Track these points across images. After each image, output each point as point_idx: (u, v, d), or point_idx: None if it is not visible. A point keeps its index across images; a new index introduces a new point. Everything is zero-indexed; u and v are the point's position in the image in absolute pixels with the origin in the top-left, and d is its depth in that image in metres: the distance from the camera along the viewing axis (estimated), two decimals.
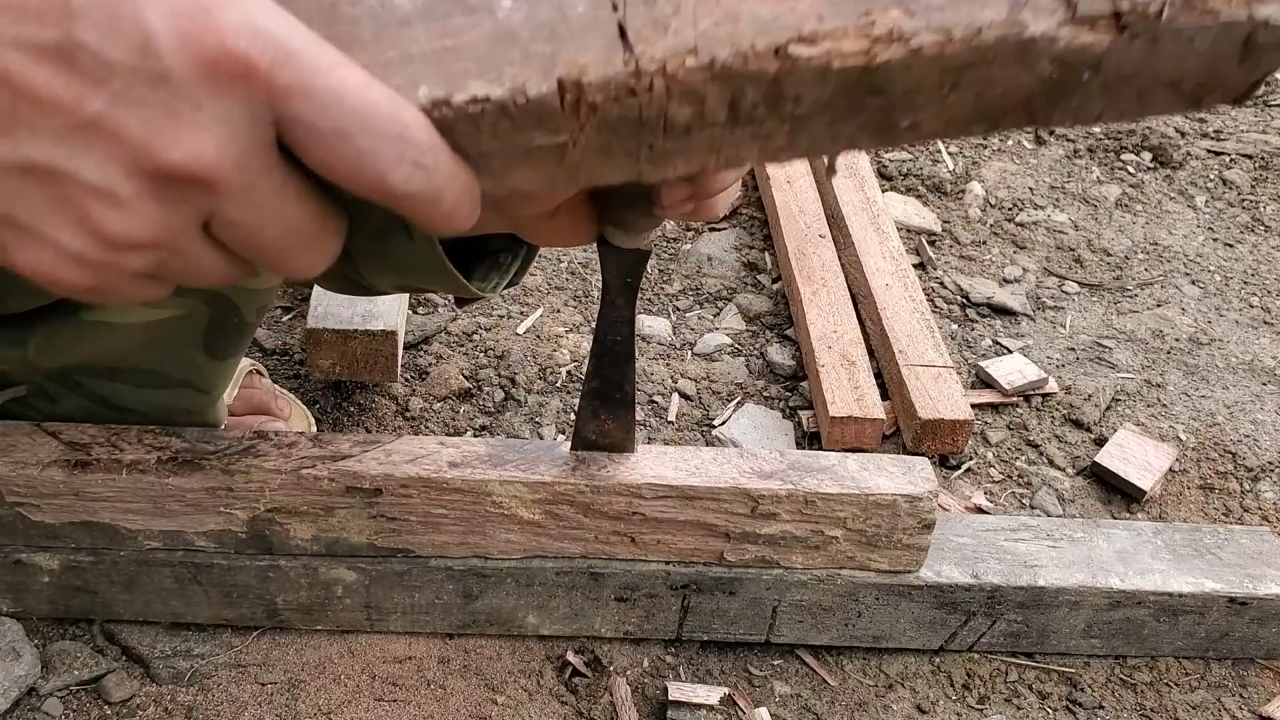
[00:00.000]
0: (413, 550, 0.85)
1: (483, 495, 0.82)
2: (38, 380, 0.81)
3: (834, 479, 0.85)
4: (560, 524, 0.84)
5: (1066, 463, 1.20)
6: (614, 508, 0.83)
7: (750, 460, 0.86)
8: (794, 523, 0.85)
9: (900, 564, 0.88)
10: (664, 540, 0.86)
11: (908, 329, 1.26)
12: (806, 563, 0.87)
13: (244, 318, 0.80)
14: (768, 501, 0.83)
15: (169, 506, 0.80)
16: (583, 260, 1.43)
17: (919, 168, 1.71)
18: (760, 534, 0.85)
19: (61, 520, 0.81)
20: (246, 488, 0.80)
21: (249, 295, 0.78)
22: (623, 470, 0.83)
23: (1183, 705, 0.93)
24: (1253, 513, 1.16)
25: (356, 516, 0.82)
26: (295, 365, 1.24)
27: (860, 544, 0.86)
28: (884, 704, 0.91)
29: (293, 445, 0.82)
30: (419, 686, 0.87)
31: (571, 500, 0.83)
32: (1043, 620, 0.93)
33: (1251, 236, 1.65)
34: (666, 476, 0.83)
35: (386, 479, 0.80)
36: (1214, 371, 1.37)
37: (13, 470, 0.79)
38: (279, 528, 0.82)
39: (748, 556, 0.87)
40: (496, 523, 0.84)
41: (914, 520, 0.85)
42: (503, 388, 1.21)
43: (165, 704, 0.84)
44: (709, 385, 1.25)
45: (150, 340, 0.79)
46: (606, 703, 0.88)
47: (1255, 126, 1.93)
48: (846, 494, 0.84)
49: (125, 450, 0.81)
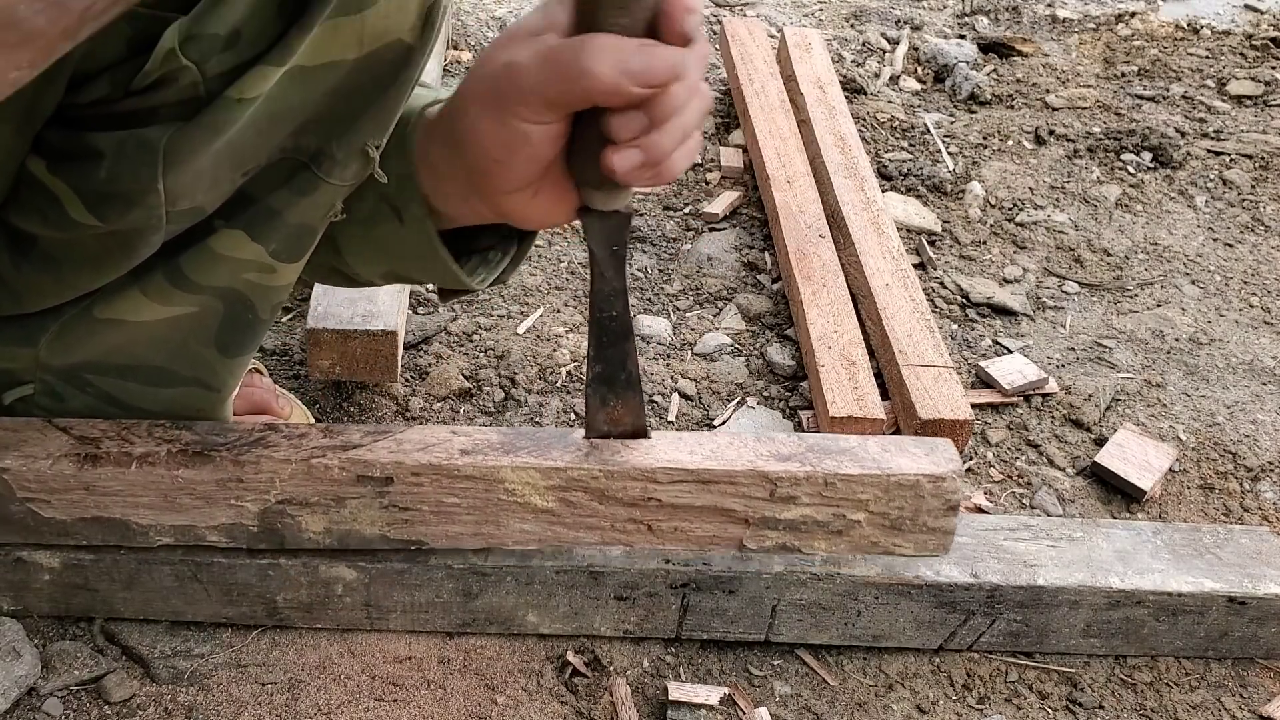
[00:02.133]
0: (426, 542, 0.84)
1: (495, 483, 0.81)
2: (46, 379, 0.81)
3: (854, 460, 0.83)
4: (575, 512, 0.83)
5: (1066, 463, 1.20)
6: (629, 493, 0.82)
7: (767, 444, 0.84)
8: (814, 506, 0.83)
9: (926, 548, 0.86)
10: (681, 528, 0.84)
11: (908, 329, 1.26)
12: (829, 548, 0.85)
13: (258, 315, 0.80)
14: (786, 484, 0.82)
15: (180, 500, 0.80)
16: (582, 260, 1.43)
17: (919, 168, 1.71)
18: (780, 519, 0.83)
19: (72, 516, 0.81)
20: (256, 479, 0.80)
21: (264, 292, 0.78)
22: (637, 455, 0.82)
23: (1183, 705, 0.93)
24: (1253, 513, 1.16)
25: (368, 507, 0.82)
26: (295, 365, 1.24)
27: (884, 528, 0.84)
28: (884, 704, 0.91)
29: (303, 436, 0.82)
30: (419, 686, 0.88)
31: (585, 486, 0.81)
32: (1042, 620, 0.93)
33: (1251, 236, 1.65)
34: (682, 460, 0.82)
35: (397, 467, 0.80)
36: (1214, 371, 1.37)
37: (23, 465, 0.78)
38: (290, 520, 0.82)
39: (768, 544, 0.85)
40: (510, 512, 0.82)
41: (938, 501, 0.83)
42: (503, 388, 1.21)
43: (165, 704, 0.84)
44: (709, 385, 1.25)
45: (162, 337, 0.79)
46: (606, 703, 0.88)
47: (1255, 126, 1.93)
48: (868, 475, 0.82)
49: (135, 444, 0.80)
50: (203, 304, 0.77)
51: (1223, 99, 2.03)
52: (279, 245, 0.75)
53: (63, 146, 0.66)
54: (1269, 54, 2.21)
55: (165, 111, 0.64)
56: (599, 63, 0.60)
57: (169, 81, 0.63)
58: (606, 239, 0.73)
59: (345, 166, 0.72)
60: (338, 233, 0.81)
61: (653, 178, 0.67)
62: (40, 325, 0.77)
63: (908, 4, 2.36)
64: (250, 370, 1.10)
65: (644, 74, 0.61)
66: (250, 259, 0.75)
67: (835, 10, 2.31)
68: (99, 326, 0.77)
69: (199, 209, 0.70)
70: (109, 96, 0.64)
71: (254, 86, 0.64)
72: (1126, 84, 2.06)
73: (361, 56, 0.68)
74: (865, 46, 2.14)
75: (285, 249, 0.75)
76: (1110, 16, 2.34)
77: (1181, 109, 1.98)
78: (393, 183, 0.76)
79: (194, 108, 0.64)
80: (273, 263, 0.76)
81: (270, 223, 0.74)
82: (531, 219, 0.75)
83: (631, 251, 1.46)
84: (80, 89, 0.64)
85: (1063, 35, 2.27)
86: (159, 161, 0.64)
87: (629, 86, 0.61)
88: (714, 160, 1.69)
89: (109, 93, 0.64)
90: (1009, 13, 2.34)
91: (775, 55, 1.88)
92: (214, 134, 0.65)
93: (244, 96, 0.64)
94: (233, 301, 0.78)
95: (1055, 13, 2.35)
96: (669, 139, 0.65)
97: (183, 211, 0.69)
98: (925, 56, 2.09)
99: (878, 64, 2.08)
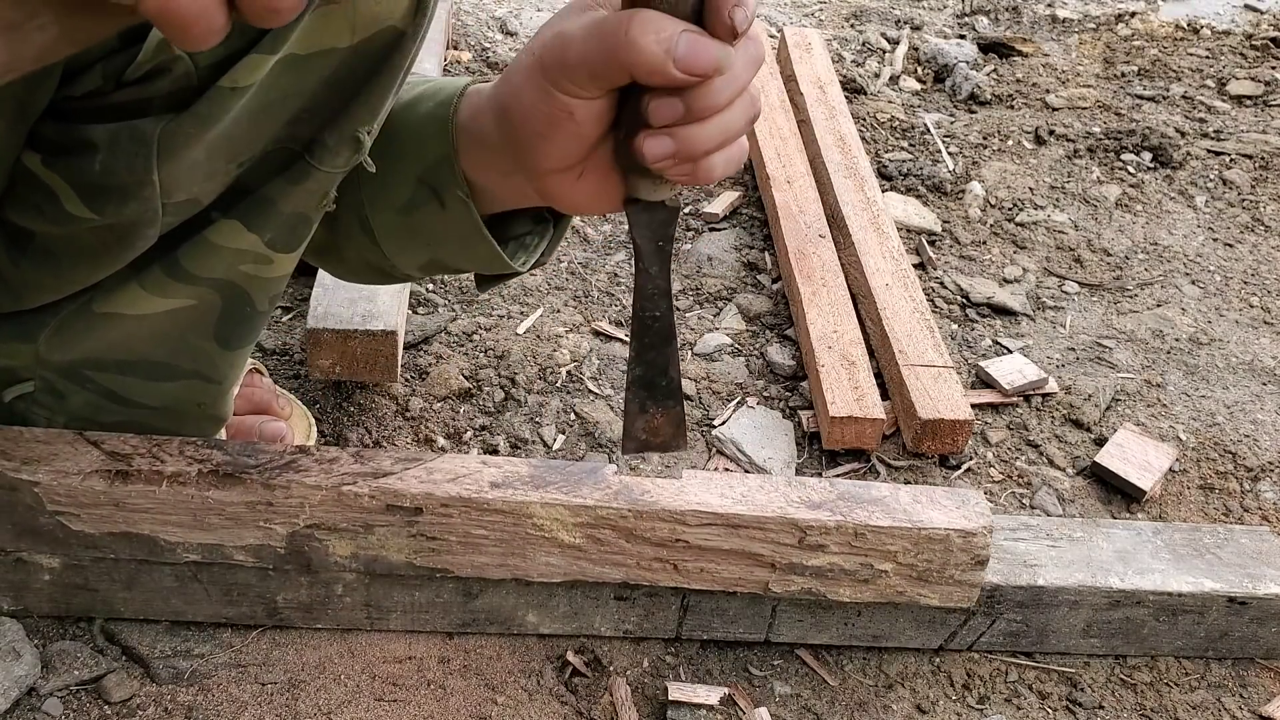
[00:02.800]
0: (451, 570, 0.84)
1: (524, 517, 0.81)
2: (46, 376, 0.81)
3: (885, 511, 0.83)
4: (601, 548, 0.83)
5: (1066, 463, 1.20)
6: (657, 534, 0.82)
7: (799, 489, 0.84)
8: (842, 555, 0.83)
9: (951, 600, 0.86)
10: (708, 569, 0.84)
11: (908, 329, 1.26)
12: (855, 595, 0.85)
13: (255, 307, 0.80)
14: (816, 533, 0.81)
15: (209, 520, 0.80)
16: (583, 260, 1.43)
17: (919, 168, 1.71)
18: (807, 565, 0.83)
19: (101, 530, 0.81)
20: (287, 503, 0.80)
21: (261, 284, 0.78)
22: (667, 496, 0.82)
23: (1183, 705, 0.93)
24: (1253, 513, 1.16)
25: (396, 535, 0.82)
26: (295, 365, 1.24)
27: (910, 578, 0.84)
28: (884, 704, 0.91)
29: (333, 460, 0.82)
30: (419, 686, 0.88)
31: (614, 525, 0.81)
32: (1042, 620, 0.93)
33: (1251, 236, 1.65)
34: (711, 504, 0.81)
35: (427, 498, 0.80)
36: (1214, 371, 1.37)
37: (54, 479, 0.78)
38: (318, 544, 0.82)
39: (794, 588, 0.85)
40: (537, 545, 0.82)
41: (967, 556, 0.83)
42: (503, 388, 1.21)
43: (165, 704, 0.84)
44: (709, 385, 1.25)
45: (161, 331, 0.79)
46: (606, 703, 0.88)
47: (1255, 126, 1.93)
48: (898, 527, 0.82)
49: (166, 462, 0.80)
50: (200, 296, 0.77)
51: (1223, 99, 2.03)
52: (274, 234, 0.75)
53: (57, 140, 0.66)
54: (1269, 54, 2.21)
55: (158, 102, 0.64)
56: (644, 34, 0.59)
57: (162, 72, 0.63)
58: (651, 232, 0.70)
59: (337, 154, 0.72)
60: (376, 225, 0.81)
61: (688, 175, 0.65)
62: (39, 322, 0.77)
63: (908, 4, 2.36)
64: (250, 370, 1.10)
65: (686, 57, 0.59)
66: (246, 249, 0.75)
67: (835, 10, 2.31)
68: (98, 321, 0.77)
69: (194, 201, 0.70)
70: (102, 89, 0.64)
71: (247, 75, 0.64)
72: (1126, 84, 2.06)
73: (354, 44, 0.68)
74: (865, 46, 2.14)
75: (281, 238, 0.76)
76: (1110, 16, 2.34)
77: (1181, 109, 1.98)
78: (432, 165, 0.75)
79: (187, 98, 0.64)
80: (269, 253, 0.76)
81: (265, 212, 0.74)
82: (575, 203, 0.73)
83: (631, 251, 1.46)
84: (73, 81, 0.64)
85: (1063, 35, 2.27)
86: (153, 153, 0.64)
87: (669, 66, 0.59)
88: None
89: (102, 84, 0.64)
90: (1009, 13, 2.34)
91: (775, 55, 1.88)
92: (207, 124, 0.65)
93: (237, 85, 0.64)
94: (230, 293, 0.78)
95: (1055, 13, 2.35)
96: (706, 135, 0.63)
97: (179, 204, 0.69)
98: (925, 56, 2.09)
99: (878, 64, 2.07)
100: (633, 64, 0.60)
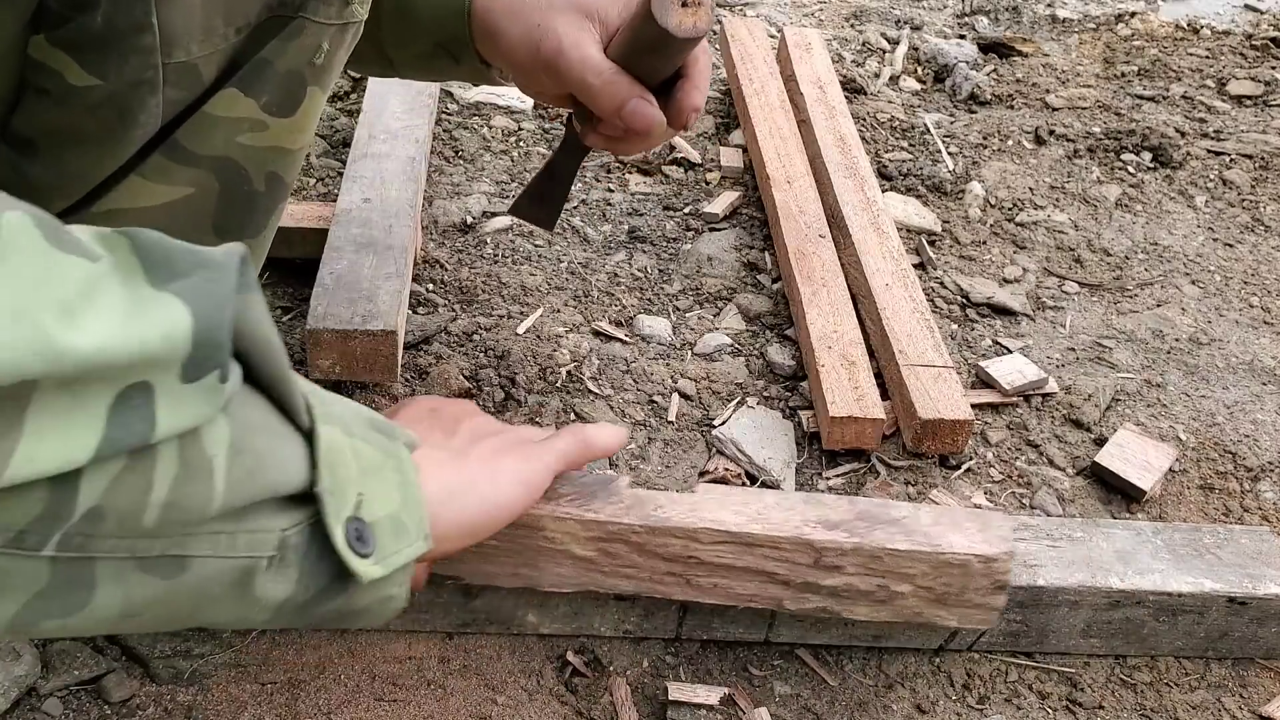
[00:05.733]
0: (462, 578, 0.83)
1: (535, 530, 0.80)
2: None
3: (904, 533, 0.82)
4: (614, 561, 0.82)
5: (1066, 463, 1.20)
6: (669, 550, 0.81)
7: (816, 507, 0.83)
8: (859, 576, 0.82)
9: (970, 621, 0.85)
10: (721, 585, 0.83)
11: (908, 329, 1.26)
12: (871, 615, 0.84)
13: (253, 185, 0.79)
14: (832, 554, 0.80)
15: None
16: (583, 260, 1.43)
17: (919, 168, 1.71)
18: (823, 585, 0.82)
19: None
20: None
21: (257, 155, 0.78)
22: (681, 512, 0.81)
23: (1183, 705, 0.93)
24: (1253, 513, 1.16)
25: None
26: (295, 365, 1.24)
27: (928, 600, 0.84)
28: (884, 704, 0.91)
29: None
30: (419, 686, 0.88)
31: (626, 540, 0.81)
32: (1042, 620, 0.93)
33: (1251, 236, 1.65)
34: (726, 521, 0.81)
35: None
36: (1214, 371, 1.37)
37: None
38: None
39: (809, 606, 0.84)
40: (549, 556, 0.82)
41: (987, 580, 0.83)
42: (503, 388, 1.21)
43: (165, 704, 0.84)
44: (709, 385, 1.25)
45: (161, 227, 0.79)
46: (606, 703, 0.88)
47: (1255, 126, 1.93)
48: (918, 551, 0.81)
49: None
50: (199, 181, 0.77)
51: (1223, 99, 2.03)
52: (270, 97, 0.76)
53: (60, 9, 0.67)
54: (1269, 54, 2.21)
55: None
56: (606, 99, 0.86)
57: None
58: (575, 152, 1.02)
59: (329, 4, 0.74)
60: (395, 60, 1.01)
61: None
62: None
63: (908, 4, 2.36)
64: None
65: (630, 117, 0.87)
66: (244, 116, 0.75)
67: (835, 10, 2.31)
68: (98, 221, 0.77)
69: (193, 66, 0.71)
70: None
71: None
72: (1126, 84, 2.06)
73: None
74: (865, 46, 2.14)
75: (276, 101, 0.76)
76: (1110, 16, 2.34)
77: (1181, 109, 1.98)
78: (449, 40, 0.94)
79: None
80: (265, 118, 0.76)
81: (261, 74, 0.75)
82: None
83: (631, 251, 1.46)
84: None
85: (1063, 35, 2.27)
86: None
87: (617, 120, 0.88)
88: (714, 160, 1.69)
89: None
90: (1009, 13, 2.34)
91: (775, 55, 1.88)
92: None
93: None
94: (227, 173, 0.77)
95: (1055, 13, 2.35)
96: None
97: (178, 66, 0.69)
98: (925, 56, 2.08)
99: (878, 64, 2.07)
100: (594, 107, 0.88)
